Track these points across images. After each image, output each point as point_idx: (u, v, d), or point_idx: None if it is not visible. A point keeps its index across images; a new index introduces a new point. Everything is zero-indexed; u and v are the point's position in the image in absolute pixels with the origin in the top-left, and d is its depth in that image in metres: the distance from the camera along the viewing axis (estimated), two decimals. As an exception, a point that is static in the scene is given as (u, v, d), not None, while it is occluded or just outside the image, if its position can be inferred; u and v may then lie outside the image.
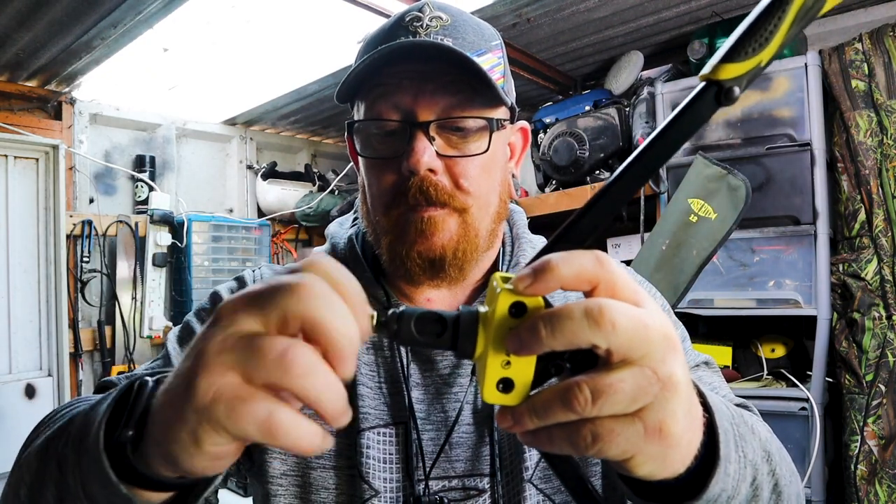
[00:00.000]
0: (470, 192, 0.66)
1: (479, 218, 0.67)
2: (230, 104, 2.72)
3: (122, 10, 1.72)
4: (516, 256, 0.75)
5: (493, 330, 0.36)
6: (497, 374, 0.37)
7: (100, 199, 2.59)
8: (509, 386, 0.37)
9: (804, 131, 1.79)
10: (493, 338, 0.36)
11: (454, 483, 0.66)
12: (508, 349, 0.36)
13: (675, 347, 0.36)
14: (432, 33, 0.66)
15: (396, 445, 0.66)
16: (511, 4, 1.88)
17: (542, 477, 0.66)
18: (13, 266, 2.26)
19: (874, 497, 1.67)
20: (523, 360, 0.37)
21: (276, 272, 0.77)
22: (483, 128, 0.67)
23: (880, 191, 1.75)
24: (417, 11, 0.68)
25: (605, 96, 2.31)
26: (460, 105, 0.65)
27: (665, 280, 1.86)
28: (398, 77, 0.65)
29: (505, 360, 0.37)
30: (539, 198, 2.34)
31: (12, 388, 2.16)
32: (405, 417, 0.67)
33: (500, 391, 0.37)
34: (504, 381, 0.37)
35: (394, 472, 0.66)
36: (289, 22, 1.92)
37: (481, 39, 0.69)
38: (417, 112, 0.65)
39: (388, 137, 0.66)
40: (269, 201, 3.08)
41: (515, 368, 0.37)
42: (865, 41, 1.79)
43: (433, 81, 0.65)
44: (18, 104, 2.35)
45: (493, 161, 0.69)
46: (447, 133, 0.66)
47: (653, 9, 1.98)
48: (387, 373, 0.69)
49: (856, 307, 1.74)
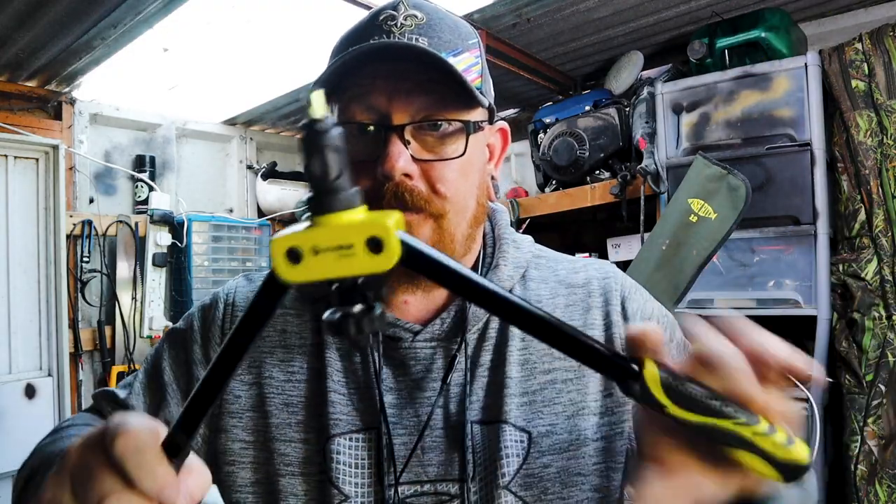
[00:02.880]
0: (447, 196, 0.65)
1: (455, 223, 0.66)
2: (230, 104, 2.72)
3: (122, 10, 1.72)
4: (496, 258, 0.73)
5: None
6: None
7: (100, 199, 2.59)
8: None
9: (804, 131, 1.79)
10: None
11: (426, 488, 0.65)
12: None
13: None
14: (407, 32, 0.64)
15: (368, 450, 0.65)
16: (511, 4, 1.88)
17: (522, 484, 0.64)
18: (13, 266, 2.26)
19: (874, 497, 1.67)
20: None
21: (252, 284, 0.77)
22: (459, 130, 0.65)
23: (880, 191, 1.75)
24: (391, 10, 0.66)
25: (605, 96, 2.31)
26: (436, 106, 0.64)
27: (665, 280, 1.86)
28: (371, 77, 0.64)
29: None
30: (539, 198, 2.34)
31: (12, 388, 2.15)
32: (377, 422, 0.66)
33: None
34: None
35: (365, 476, 0.65)
36: (289, 22, 1.92)
37: (457, 38, 0.67)
38: (392, 114, 0.63)
39: (361, 140, 0.65)
40: (269, 201, 3.08)
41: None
42: (865, 41, 1.79)
43: (408, 81, 0.63)
44: (18, 104, 2.35)
45: (470, 164, 0.67)
46: (423, 135, 0.65)
47: (653, 9, 1.98)
48: (358, 378, 0.68)
49: (856, 307, 1.74)
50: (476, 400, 0.67)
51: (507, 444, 0.64)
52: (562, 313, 0.72)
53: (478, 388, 0.67)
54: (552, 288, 0.74)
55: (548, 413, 0.66)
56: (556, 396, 0.67)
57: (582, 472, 0.66)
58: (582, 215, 2.51)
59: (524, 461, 0.64)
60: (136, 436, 0.37)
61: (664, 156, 2.02)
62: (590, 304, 0.72)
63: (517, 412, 0.66)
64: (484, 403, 0.67)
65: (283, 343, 0.71)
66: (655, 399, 0.37)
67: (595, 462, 0.66)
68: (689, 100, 1.99)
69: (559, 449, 0.66)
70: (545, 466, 0.65)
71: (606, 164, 2.22)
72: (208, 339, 0.73)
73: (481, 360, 0.69)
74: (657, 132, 2.04)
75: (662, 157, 2.02)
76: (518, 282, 0.74)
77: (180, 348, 0.75)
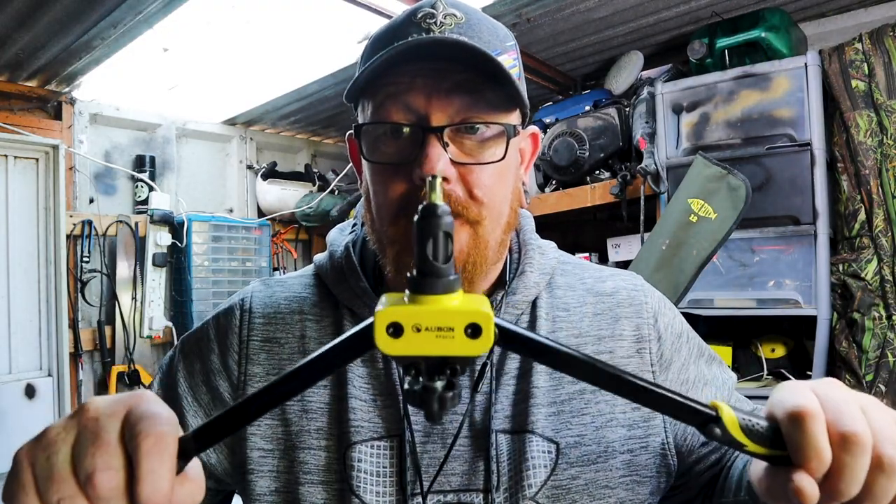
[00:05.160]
0: (484, 202, 0.62)
1: (490, 230, 0.64)
2: (230, 104, 2.72)
3: (122, 10, 1.72)
4: (523, 265, 0.72)
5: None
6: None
7: (100, 199, 2.59)
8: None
9: (804, 131, 1.79)
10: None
11: (449, 497, 0.63)
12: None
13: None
14: (447, 31, 0.62)
15: (390, 458, 0.64)
16: (511, 4, 1.88)
17: (550, 495, 0.63)
18: (13, 266, 2.26)
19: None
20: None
21: (270, 289, 0.75)
22: (499, 133, 0.63)
23: (880, 191, 1.75)
24: (430, 8, 0.63)
25: (605, 96, 2.31)
26: (476, 107, 0.61)
27: (665, 280, 1.86)
28: (410, 75, 0.61)
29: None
30: (539, 198, 2.34)
31: (12, 388, 2.16)
32: (399, 430, 0.65)
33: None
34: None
35: (387, 485, 0.63)
36: (289, 22, 1.92)
37: (496, 39, 0.65)
38: (431, 115, 0.60)
39: (397, 141, 0.62)
40: (269, 201, 3.08)
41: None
42: (865, 41, 1.79)
43: (448, 80, 0.60)
44: (18, 104, 2.36)
45: (508, 169, 0.65)
46: (462, 138, 0.62)
47: (653, 9, 1.98)
48: (381, 385, 0.67)
49: (856, 307, 1.74)
50: (501, 409, 0.66)
51: (533, 455, 0.63)
52: (590, 322, 0.71)
53: (503, 397, 0.66)
54: (580, 296, 0.73)
55: (576, 424, 0.66)
56: (585, 407, 0.66)
57: (609, 484, 0.65)
58: (582, 215, 2.51)
59: (552, 472, 0.63)
60: (161, 435, 0.38)
61: (664, 156, 2.02)
62: (618, 314, 0.71)
63: (545, 422, 0.65)
64: (509, 412, 0.66)
65: (301, 349, 0.70)
66: (735, 439, 0.43)
67: (622, 475, 0.66)
68: (689, 100, 1.99)
69: (587, 461, 0.65)
70: (573, 478, 0.64)
71: (606, 164, 2.22)
72: (226, 347, 0.71)
73: (507, 369, 0.67)
74: (657, 132, 2.04)
75: (662, 157, 2.02)
76: (544, 288, 0.72)
77: (195, 358, 0.73)
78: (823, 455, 0.41)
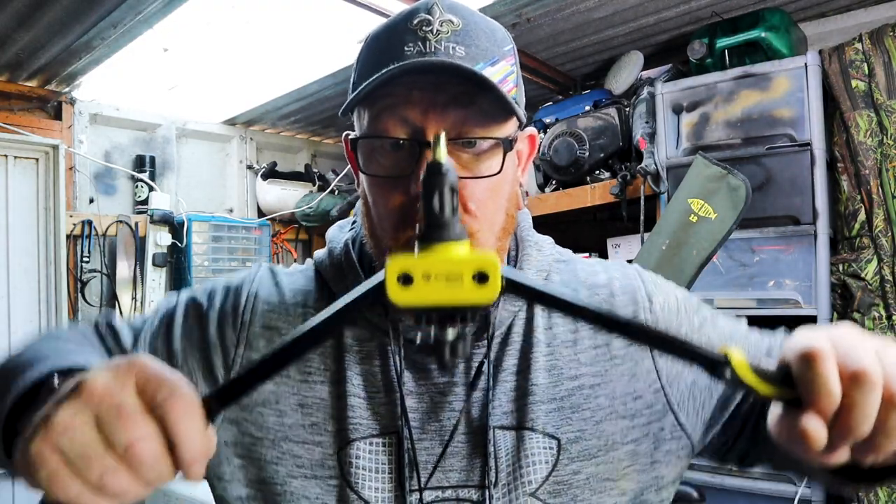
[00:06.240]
0: (477, 215, 0.63)
1: (484, 239, 0.64)
2: (230, 104, 2.73)
3: (122, 10, 1.72)
4: (520, 262, 0.73)
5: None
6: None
7: (100, 199, 2.59)
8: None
9: (804, 131, 1.79)
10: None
11: (447, 494, 0.64)
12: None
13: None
14: (443, 40, 0.62)
15: (388, 455, 0.65)
16: (511, 4, 1.88)
17: (551, 491, 0.63)
18: (13, 266, 2.26)
19: (874, 497, 1.67)
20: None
21: (276, 277, 0.75)
22: (495, 146, 0.63)
23: (880, 191, 1.76)
24: (426, 13, 0.63)
25: (605, 96, 2.31)
26: (472, 120, 0.62)
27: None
28: (407, 87, 0.61)
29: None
30: (539, 198, 2.34)
31: (12, 388, 2.16)
32: (396, 426, 0.65)
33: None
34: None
35: (385, 482, 0.64)
36: (289, 22, 1.92)
37: (494, 45, 0.64)
38: (427, 128, 0.61)
39: (394, 154, 0.62)
40: (269, 201, 3.08)
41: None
42: (865, 41, 1.79)
43: (444, 93, 0.61)
44: (18, 104, 2.36)
45: (504, 181, 0.65)
46: (458, 152, 0.62)
47: (653, 9, 1.98)
48: (378, 382, 0.67)
49: (856, 307, 1.74)
50: (499, 405, 0.66)
51: (533, 451, 0.64)
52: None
53: (501, 394, 0.67)
54: (575, 290, 0.73)
55: (577, 419, 0.66)
56: (584, 402, 0.67)
57: (612, 476, 0.65)
58: (582, 215, 2.51)
59: (553, 468, 0.64)
60: (188, 398, 0.40)
61: (664, 156, 2.02)
62: (613, 303, 0.72)
63: (545, 419, 0.65)
64: (507, 409, 0.66)
65: None
66: (746, 382, 0.43)
67: (625, 466, 0.66)
68: (689, 100, 1.99)
69: (589, 455, 0.65)
70: (575, 473, 0.64)
71: (606, 164, 2.22)
72: (224, 321, 0.72)
73: (504, 365, 0.68)
74: (657, 132, 2.04)
75: (662, 157, 2.02)
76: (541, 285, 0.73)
77: (196, 324, 0.73)
78: (833, 392, 0.41)
